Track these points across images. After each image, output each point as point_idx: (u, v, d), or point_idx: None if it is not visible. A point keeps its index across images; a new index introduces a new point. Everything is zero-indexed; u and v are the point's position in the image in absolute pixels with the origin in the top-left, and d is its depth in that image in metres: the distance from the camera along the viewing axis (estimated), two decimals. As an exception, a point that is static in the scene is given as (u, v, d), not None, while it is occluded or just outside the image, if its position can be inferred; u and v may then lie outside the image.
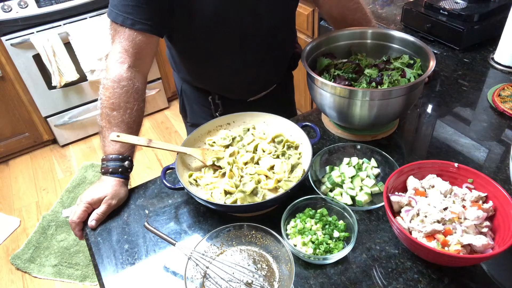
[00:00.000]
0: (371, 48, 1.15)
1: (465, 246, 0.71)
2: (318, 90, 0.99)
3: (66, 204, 2.41)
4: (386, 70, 1.06)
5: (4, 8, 2.23)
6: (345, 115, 0.99)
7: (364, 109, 0.95)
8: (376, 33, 1.14)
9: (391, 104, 0.94)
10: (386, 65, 1.08)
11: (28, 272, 2.06)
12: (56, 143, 2.91)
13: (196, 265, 0.76)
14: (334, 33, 1.15)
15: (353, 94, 0.93)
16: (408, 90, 0.93)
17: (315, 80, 0.98)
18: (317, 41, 1.11)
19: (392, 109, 0.96)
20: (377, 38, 1.14)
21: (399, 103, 0.95)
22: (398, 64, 1.06)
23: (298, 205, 0.85)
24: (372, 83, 1.03)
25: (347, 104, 0.95)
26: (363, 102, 0.94)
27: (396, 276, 0.75)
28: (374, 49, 1.15)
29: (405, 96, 0.94)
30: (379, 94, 0.92)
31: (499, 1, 1.45)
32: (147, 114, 3.10)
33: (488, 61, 1.34)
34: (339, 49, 1.16)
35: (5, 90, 2.47)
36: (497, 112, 1.12)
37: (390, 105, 0.94)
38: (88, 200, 0.91)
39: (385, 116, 0.98)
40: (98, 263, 0.84)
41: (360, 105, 0.94)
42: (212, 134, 1.05)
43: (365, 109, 0.95)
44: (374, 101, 0.93)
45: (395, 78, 1.01)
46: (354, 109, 0.96)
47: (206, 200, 0.85)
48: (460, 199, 0.79)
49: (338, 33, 1.15)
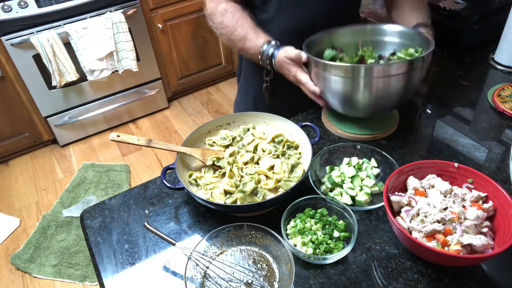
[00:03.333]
0: (376, 44, 1.14)
1: (465, 246, 0.71)
2: (320, 74, 0.99)
3: (66, 204, 2.41)
4: (390, 60, 1.06)
5: (4, 8, 2.23)
6: (348, 99, 0.99)
7: (367, 89, 0.94)
8: (378, 30, 1.13)
9: (393, 83, 0.94)
10: (391, 57, 1.08)
11: (28, 272, 2.07)
12: (56, 143, 2.91)
13: (196, 265, 0.76)
14: (337, 28, 1.14)
15: (355, 72, 0.93)
16: (409, 66, 0.92)
17: (318, 64, 0.97)
18: (320, 35, 1.11)
19: (394, 89, 0.95)
20: (380, 34, 1.13)
21: (400, 83, 0.94)
22: (401, 54, 1.05)
23: (298, 205, 0.85)
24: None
25: (350, 84, 0.95)
26: (366, 81, 0.93)
27: (396, 276, 0.75)
28: (379, 46, 1.14)
29: (406, 74, 0.93)
30: (381, 69, 0.91)
31: (499, 1, 1.45)
32: (147, 114, 3.11)
33: (488, 61, 1.34)
34: (345, 45, 1.15)
35: (5, 90, 2.47)
36: (497, 112, 1.12)
37: (391, 83, 0.94)
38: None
39: (388, 97, 0.97)
40: (98, 263, 0.84)
41: (363, 83, 0.93)
42: (212, 134, 1.05)
43: (367, 89, 0.94)
44: (376, 79, 0.92)
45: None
46: (357, 90, 0.95)
47: (206, 200, 0.85)
48: (460, 199, 0.79)
49: (341, 29, 1.14)
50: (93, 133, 2.96)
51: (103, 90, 2.78)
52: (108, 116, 2.92)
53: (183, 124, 3.02)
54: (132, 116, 3.04)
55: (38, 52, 2.36)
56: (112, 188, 2.49)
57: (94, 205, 0.97)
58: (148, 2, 2.63)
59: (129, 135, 0.92)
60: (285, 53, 1.03)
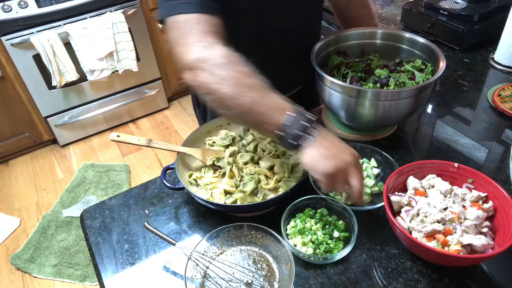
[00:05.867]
0: (382, 49, 1.15)
1: (465, 246, 0.71)
2: (326, 89, 0.99)
3: (66, 204, 2.41)
4: (397, 72, 1.05)
5: (4, 8, 2.23)
6: (352, 115, 0.99)
7: (372, 109, 0.95)
8: (386, 34, 1.13)
9: (400, 105, 0.94)
10: (398, 67, 1.08)
11: (28, 272, 2.06)
12: (56, 143, 2.91)
13: (196, 265, 0.76)
14: (345, 32, 1.14)
15: (362, 94, 0.93)
16: (417, 92, 0.93)
17: (324, 78, 0.98)
18: (326, 40, 1.11)
19: (401, 110, 0.96)
20: (388, 39, 1.13)
21: (407, 105, 0.95)
22: (409, 67, 1.05)
23: (298, 205, 0.85)
24: (377, 83, 1.03)
25: (355, 103, 0.95)
26: (371, 102, 0.93)
27: (396, 276, 0.75)
28: (385, 50, 1.14)
29: (414, 97, 0.93)
30: (388, 94, 0.92)
31: (499, 1, 1.45)
32: (147, 114, 3.10)
33: (488, 61, 1.34)
34: (351, 49, 1.16)
35: (5, 90, 2.47)
36: (497, 112, 1.12)
37: (398, 106, 0.94)
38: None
39: (393, 117, 0.98)
40: (98, 263, 0.84)
41: (368, 105, 0.94)
42: (212, 134, 1.05)
43: (373, 109, 0.95)
44: (383, 102, 0.93)
45: (402, 81, 1.01)
46: (362, 108, 0.95)
47: (206, 200, 0.85)
48: (460, 199, 0.79)
49: (349, 33, 1.14)
50: (93, 133, 2.95)
51: (103, 90, 2.78)
52: (108, 116, 2.92)
53: (183, 124, 3.01)
54: (132, 116, 3.04)
55: (38, 52, 2.35)
56: (112, 188, 2.49)
57: (94, 205, 0.98)
58: (148, 2, 2.63)
59: (129, 135, 0.92)
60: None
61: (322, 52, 1.10)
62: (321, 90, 1.02)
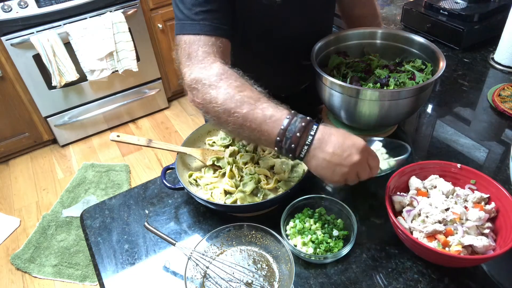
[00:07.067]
0: (382, 49, 1.14)
1: (466, 247, 0.71)
2: (326, 89, 0.99)
3: (66, 204, 2.41)
4: (397, 72, 1.05)
5: (4, 8, 2.23)
6: (352, 115, 0.99)
7: (372, 109, 0.94)
8: (386, 34, 1.13)
9: (400, 105, 0.94)
10: (398, 67, 1.08)
11: (28, 272, 2.06)
12: (56, 143, 2.91)
13: (196, 265, 0.76)
14: (345, 32, 1.14)
15: (362, 94, 0.93)
16: (417, 92, 0.93)
17: (323, 78, 0.97)
18: (327, 40, 1.10)
19: (401, 110, 0.96)
20: (388, 39, 1.13)
21: (407, 105, 0.95)
22: (409, 67, 1.05)
23: (297, 206, 0.85)
24: (377, 83, 1.02)
25: (355, 103, 0.95)
26: (371, 102, 0.93)
27: (396, 276, 0.75)
28: (385, 50, 1.14)
29: (414, 97, 0.93)
30: (388, 94, 0.92)
31: (499, 1, 1.45)
32: (147, 114, 3.10)
33: (488, 61, 1.34)
34: (352, 49, 1.16)
35: (5, 90, 2.47)
36: (497, 112, 1.12)
37: (398, 106, 0.94)
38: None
39: (393, 117, 0.98)
40: (98, 263, 0.84)
41: (368, 105, 0.94)
42: (212, 134, 1.05)
43: (372, 109, 0.94)
44: (383, 102, 0.93)
45: (402, 81, 1.01)
46: (362, 108, 0.95)
47: (206, 200, 0.85)
48: (462, 200, 0.79)
49: (349, 32, 1.14)
50: (93, 133, 2.95)
51: (103, 90, 2.78)
52: (108, 116, 2.92)
53: (183, 124, 3.01)
54: (132, 116, 3.04)
55: (38, 52, 2.35)
56: (112, 188, 2.49)
57: (94, 205, 0.97)
58: (148, 2, 2.63)
59: (129, 135, 0.92)
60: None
61: (322, 52, 1.10)
62: (321, 90, 1.02)
